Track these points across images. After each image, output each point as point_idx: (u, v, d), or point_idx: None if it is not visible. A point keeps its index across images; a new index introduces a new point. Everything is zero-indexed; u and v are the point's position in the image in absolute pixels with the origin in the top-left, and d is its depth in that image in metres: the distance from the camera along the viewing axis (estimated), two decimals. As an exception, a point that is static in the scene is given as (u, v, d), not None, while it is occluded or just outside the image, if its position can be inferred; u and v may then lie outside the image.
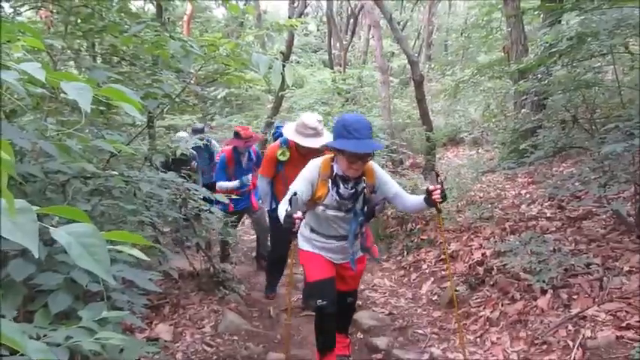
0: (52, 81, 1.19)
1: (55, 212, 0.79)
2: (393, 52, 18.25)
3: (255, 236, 6.19)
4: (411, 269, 5.19)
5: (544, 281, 3.42)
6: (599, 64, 4.97)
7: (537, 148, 4.82)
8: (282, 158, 4.07)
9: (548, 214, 4.72)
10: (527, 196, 5.45)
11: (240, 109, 14.89)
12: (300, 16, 10.20)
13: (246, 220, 9.42)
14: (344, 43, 15.27)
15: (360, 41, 18.85)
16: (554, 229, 4.31)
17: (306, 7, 13.20)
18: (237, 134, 5.18)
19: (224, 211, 4.93)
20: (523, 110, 6.53)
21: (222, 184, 5.16)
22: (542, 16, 7.07)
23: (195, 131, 6.79)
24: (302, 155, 3.84)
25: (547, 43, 4.82)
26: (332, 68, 14.30)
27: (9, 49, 1.68)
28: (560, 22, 5.38)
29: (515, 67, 5.67)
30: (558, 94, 4.85)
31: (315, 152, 3.56)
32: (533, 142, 5.00)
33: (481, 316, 3.67)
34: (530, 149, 4.87)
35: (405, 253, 5.56)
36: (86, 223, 0.81)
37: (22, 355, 1.39)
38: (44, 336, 1.33)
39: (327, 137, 3.69)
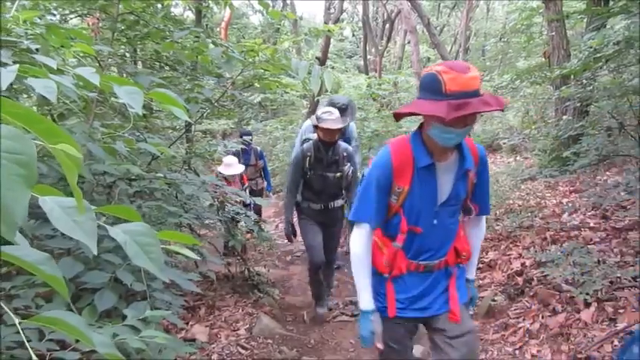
0: (105, 85, 1.22)
1: (111, 212, 0.81)
2: (429, 58, 18.08)
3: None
4: (447, 277, 5.10)
5: (588, 293, 3.30)
6: (647, 69, 4.80)
7: (580, 155, 4.69)
8: None
9: (592, 224, 4.56)
10: (569, 205, 5.28)
11: (275, 114, 15.05)
12: (336, 22, 10.23)
13: (280, 224, 9.50)
14: (379, 48, 15.23)
15: (395, 47, 18.76)
16: (598, 239, 4.16)
17: (342, 13, 13.24)
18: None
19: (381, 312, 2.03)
20: (565, 117, 6.36)
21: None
22: (585, 20, 6.88)
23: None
24: None
25: (592, 47, 4.69)
26: (367, 74, 14.27)
27: (63, 53, 1.75)
28: (605, 26, 5.22)
29: (559, 72, 5.52)
30: (603, 100, 4.70)
31: None
32: (576, 149, 4.86)
33: (520, 328, 3.57)
34: (573, 157, 4.74)
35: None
36: (140, 222, 0.83)
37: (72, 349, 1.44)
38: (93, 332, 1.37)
39: None
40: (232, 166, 5.96)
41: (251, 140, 6.45)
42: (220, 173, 5.89)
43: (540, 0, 8.03)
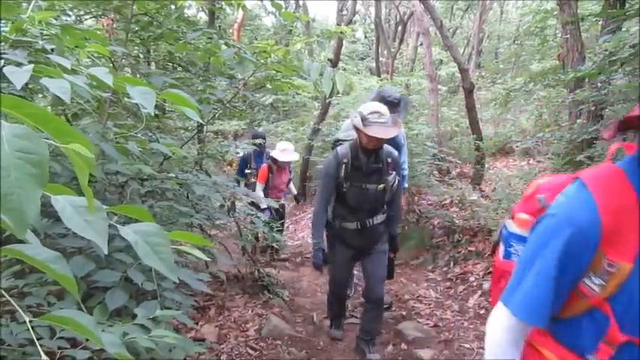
0: (118, 85, 1.23)
1: (123, 211, 0.82)
2: (442, 60, 18.00)
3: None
4: (458, 281, 5.07)
5: (601, 299, 3.26)
6: (664, 73, 4.72)
7: (594, 159, 4.62)
8: None
9: (606, 229, 4.50)
10: (583, 209, 5.22)
11: (287, 115, 15.07)
12: (348, 24, 10.23)
13: (291, 226, 9.50)
14: (392, 50, 15.20)
15: (407, 49, 18.71)
16: (612, 245, 4.11)
17: (354, 14, 13.24)
18: None
19: None
20: (579, 120, 6.28)
21: None
22: (600, 22, 6.80)
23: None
24: None
25: (607, 50, 4.62)
26: (379, 76, 14.24)
27: (77, 53, 1.77)
28: (620, 28, 5.15)
29: (573, 75, 5.47)
30: (618, 104, 4.64)
31: None
32: (590, 153, 4.80)
33: (532, 333, 3.54)
34: (587, 161, 4.68)
35: (452, 264, 5.44)
36: (151, 222, 0.83)
37: (83, 348, 1.45)
38: (102, 331, 1.38)
39: None
40: (288, 152, 5.79)
41: (264, 143, 6.20)
42: (274, 159, 5.75)
43: (555, 2, 7.96)
